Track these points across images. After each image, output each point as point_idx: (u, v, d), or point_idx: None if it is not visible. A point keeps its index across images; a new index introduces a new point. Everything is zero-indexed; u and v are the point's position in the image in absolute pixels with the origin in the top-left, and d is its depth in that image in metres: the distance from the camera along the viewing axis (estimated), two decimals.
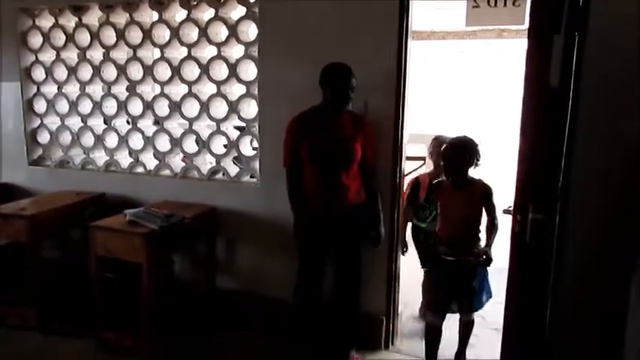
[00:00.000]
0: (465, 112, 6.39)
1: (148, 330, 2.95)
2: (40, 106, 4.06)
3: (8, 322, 3.40)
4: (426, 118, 5.72)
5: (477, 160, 2.76)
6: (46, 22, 3.92)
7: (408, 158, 3.45)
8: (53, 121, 4.05)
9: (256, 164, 3.38)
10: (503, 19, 2.88)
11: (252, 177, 3.47)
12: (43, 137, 4.11)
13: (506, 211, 2.82)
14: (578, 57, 1.98)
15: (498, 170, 3.57)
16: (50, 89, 4.02)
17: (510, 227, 2.10)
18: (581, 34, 1.96)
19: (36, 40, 3.96)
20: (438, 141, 3.33)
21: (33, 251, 3.26)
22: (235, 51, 3.41)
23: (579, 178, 2.16)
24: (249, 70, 3.35)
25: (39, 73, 4.01)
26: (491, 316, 3.23)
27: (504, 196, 2.78)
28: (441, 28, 6.25)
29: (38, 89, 4.05)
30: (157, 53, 3.61)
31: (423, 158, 4.93)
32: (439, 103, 6.46)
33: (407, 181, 3.41)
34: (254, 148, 3.46)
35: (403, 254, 3.22)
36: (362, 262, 2.91)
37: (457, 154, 2.74)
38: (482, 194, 2.76)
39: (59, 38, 3.88)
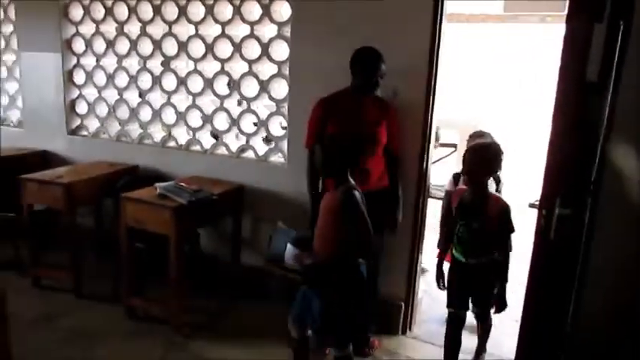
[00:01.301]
0: (499, 99, 6.22)
1: (174, 299, 3.05)
2: (80, 77, 4.17)
3: (43, 283, 3.58)
4: (459, 102, 5.60)
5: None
6: None
7: (437, 145, 3.41)
8: (91, 93, 4.17)
9: (285, 144, 3.40)
10: (541, 7, 2.78)
11: (280, 157, 3.50)
12: (82, 108, 4.24)
13: (532, 205, 2.77)
14: (622, 48, 1.90)
15: (528, 162, 3.48)
16: (89, 61, 4.12)
17: (535, 221, 2.06)
18: (627, 23, 1.88)
19: (77, 12, 4.05)
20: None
21: (68, 217, 3.39)
22: (268, 30, 3.41)
23: (613, 174, 2.11)
24: (281, 50, 3.35)
25: (79, 45, 4.11)
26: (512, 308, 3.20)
27: (531, 189, 2.72)
28: (481, 11, 6.07)
29: (78, 61, 4.16)
30: (191, 30, 3.64)
31: (454, 145, 4.84)
32: (473, 88, 6.30)
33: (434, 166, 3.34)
34: (283, 128, 3.48)
35: (440, 288, 2.78)
36: (384, 247, 2.92)
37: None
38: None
39: (99, 11, 3.96)
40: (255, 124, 3.58)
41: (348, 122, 2.73)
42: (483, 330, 2.84)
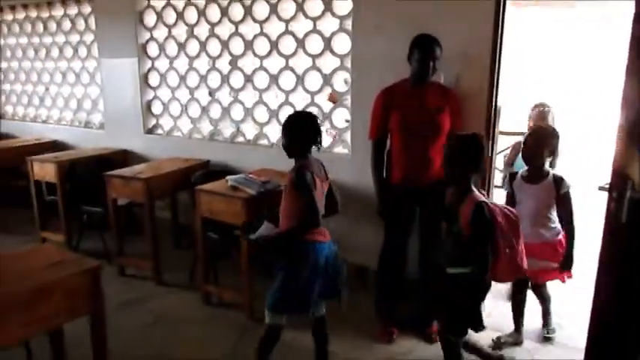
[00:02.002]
0: (562, 86, 5.95)
1: (246, 286, 3.21)
2: (154, 79, 4.46)
3: (127, 272, 3.86)
4: (520, 89, 5.43)
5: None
6: (159, 1, 4.25)
7: (502, 133, 3.36)
8: (165, 94, 4.44)
9: (348, 136, 3.48)
10: None
11: (344, 148, 3.58)
12: (157, 108, 4.52)
13: (601, 188, 2.70)
14: None
15: (597, 145, 3.38)
16: (163, 64, 4.39)
17: (606, 205, 2.01)
18: None
19: (151, 18, 4.33)
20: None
21: (148, 210, 3.64)
22: (330, 25, 3.49)
23: None
24: (343, 43, 3.42)
25: (153, 49, 4.39)
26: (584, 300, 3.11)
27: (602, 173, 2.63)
28: None
29: (152, 64, 4.44)
30: (256, 29, 3.79)
31: (521, 133, 4.71)
32: (535, 74, 6.06)
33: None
34: (346, 121, 3.56)
35: None
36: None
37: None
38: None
39: (170, 16, 4.21)
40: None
41: (410, 111, 2.76)
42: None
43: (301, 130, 2.34)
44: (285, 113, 3.78)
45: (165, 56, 4.34)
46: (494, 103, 2.93)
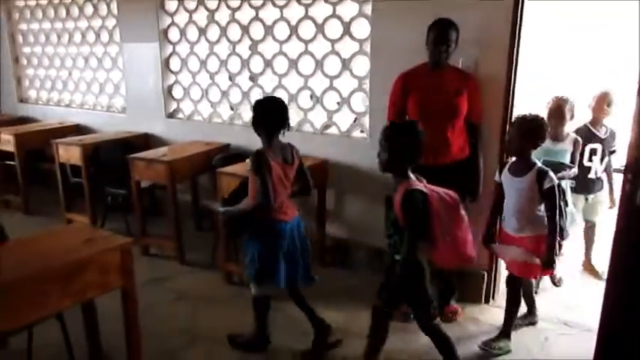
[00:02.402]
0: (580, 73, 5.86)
1: None
2: (175, 64, 4.53)
3: (151, 252, 3.98)
4: (539, 77, 5.38)
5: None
6: None
7: None
8: (186, 78, 4.51)
9: (367, 119, 3.53)
10: None
11: (362, 132, 3.63)
12: (178, 92, 4.60)
13: (617, 170, 2.76)
14: None
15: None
16: (184, 49, 4.46)
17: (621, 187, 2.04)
18: None
19: (172, 3, 4.39)
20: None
21: (171, 192, 3.74)
22: (349, 9, 3.52)
23: None
24: (362, 28, 3.45)
25: (174, 34, 4.46)
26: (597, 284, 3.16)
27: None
28: None
29: (174, 49, 4.51)
30: (276, 14, 3.83)
31: None
32: (553, 63, 5.98)
33: None
34: (365, 105, 3.60)
35: None
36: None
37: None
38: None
39: (191, 1, 4.27)
40: (337, 103, 3.73)
41: (428, 94, 2.81)
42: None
43: (264, 115, 2.52)
44: (304, 97, 3.86)
45: (186, 41, 4.41)
46: (512, 88, 2.95)
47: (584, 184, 3.40)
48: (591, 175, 3.40)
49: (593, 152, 3.39)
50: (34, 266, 1.92)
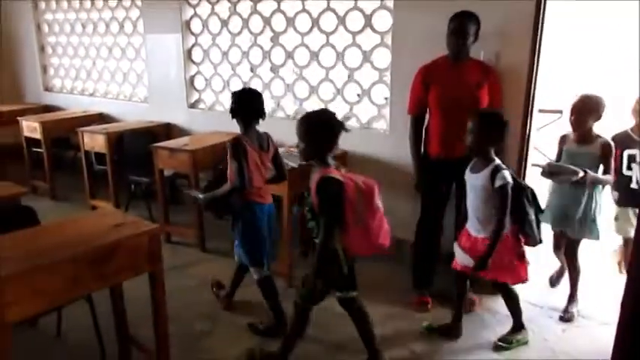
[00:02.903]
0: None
1: (288, 254, 3.36)
2: (197, 55, 4.60)
3: (172, 239, 4.07)
4: (567, 69, 5.33)
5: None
6: None
7: (541, 111, 3.37)
8: (207, 69, 4.58)
9: (387, 112, 3.56)
10: None
11: (382, 124, 3.66)
12: (199, 83, 4.68)
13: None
14: None
15: None
16: (206, 40, 4.52)
17: None
18: None
19: None
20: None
21: (194, 181, 3.82)
22: (371, 2, 3.54)
23: None
24: (384, 20, 3.47)
25: (197, 26, 4.52)
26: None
27: None
28: None
29: (196, 40, 4.58)
30: (298, 5, 3.88)
31: (560, 111, 4.68)
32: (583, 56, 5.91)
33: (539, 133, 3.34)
34: (385, 98, 3.63)
35: None
36: None
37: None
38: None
39: None
40: (358, 95, 3.76)
41: (449, 86, 2.83)
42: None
43: (241, 105, 2.68)
44: (325, 89, 3.90)
45: (208, 32, 4.47)
46: (533, 81, 2.96)
47: (627, 196, 3.10)
48: (633, 185, 3.05)
49: (632, 159, 3.05)
50: (68, 250, 2.00)
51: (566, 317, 2.94)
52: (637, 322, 2.06)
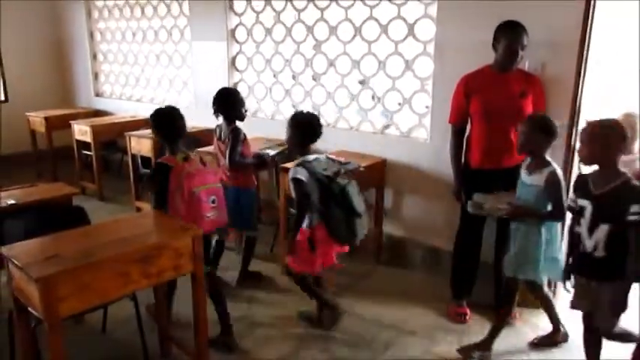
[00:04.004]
0: None
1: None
2: (241, 63, 4.71)
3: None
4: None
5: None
6: None
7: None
8: (251, 76, 4.68)
9: (428, 121, 3.54)
10: None
11: (423, 133, 3.65)
12: (242, 90, 4.75)
13: None
14: None
15: None
16: (250, 48, 4.62)
17: None
18: None
19: (240, 4, 4.57)
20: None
21: None
22: (414, 11, 3.54)
23: None
24: (427, 29, 3.47)
25: (241, 34, 4.64)
26: None
27: None
28: None
29: (240, 48, 4.69)
30: (341, 14, 3.91)
31: None
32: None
33: None
34: (426, 107, 3.62)
35: None
36: None
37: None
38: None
39: (259, 3, 4.42)
40: (399, 104, 3.76)
41: (492, 96, 2.80)
42: None
43: (219, 105, 3.38)
44: (365, 97, 3.92)
45: (252, 40, 4.57)
46: (580, 93, 2.89)
47: (578, 261, 2.40)
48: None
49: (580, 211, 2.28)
50: (116, 249, 2.09)
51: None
52: None
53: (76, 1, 6.34)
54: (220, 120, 3.44)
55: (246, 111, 3.46)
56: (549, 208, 2.47)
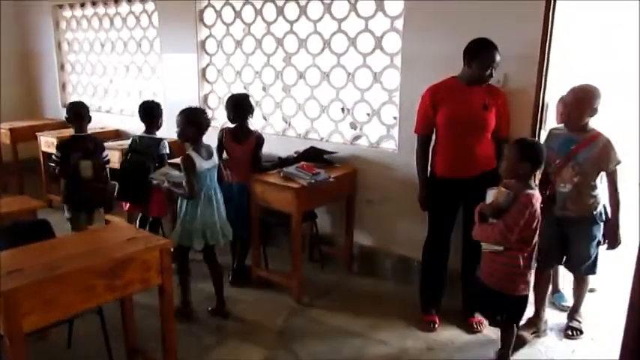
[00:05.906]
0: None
1: (296, 269, 3.40)
2: (212, 74, 4.71)
3: None
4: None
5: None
6: (218, 0, 4.49)
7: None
8: (221, 88, 4.68)
9: (396, 132, 3.61)
10: None
11: (391, 143, 3.71)
12: (213, 101, 4.78)
13: None
14: None
15: None
16: (220, 60, 4.63)
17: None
18: None
19: (210, 16, 4.58)
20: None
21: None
22: (381, 24, 3.61)
23: None
24: (393, 42, 3.55)
25: (211, 46, 4.64)
26: None
27: None
28: None
29: (210, 60, 4.69)
30: (310, 27, 3.96)
31: None
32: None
33: None
34: (394, 118, 3.69)
35: None
36: None
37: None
38: None
39: (229, 15, 4.44)
40: (367, 115, 3.82)
41: (457, 108, 2.87)
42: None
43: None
44: (335, 108, 3.97)
45: (222, 52, 4.58)
46: (541, 102, 3.00)
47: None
48: None
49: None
50: (81, 262, 2.07)
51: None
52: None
53: (44, 12, 6.25)
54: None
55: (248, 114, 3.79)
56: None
